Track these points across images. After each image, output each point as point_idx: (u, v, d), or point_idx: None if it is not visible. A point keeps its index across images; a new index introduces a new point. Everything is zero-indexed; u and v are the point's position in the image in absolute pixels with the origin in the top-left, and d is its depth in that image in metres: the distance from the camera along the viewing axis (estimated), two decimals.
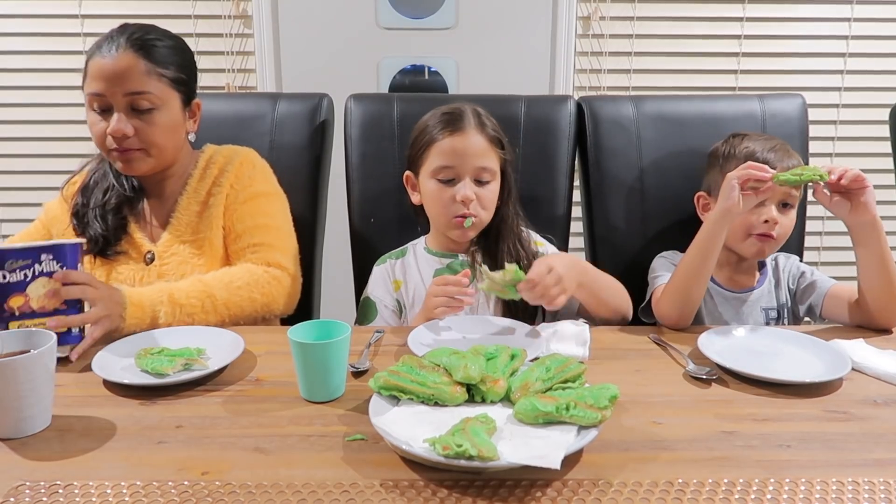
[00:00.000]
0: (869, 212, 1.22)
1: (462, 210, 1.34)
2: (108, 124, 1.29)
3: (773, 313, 1.45)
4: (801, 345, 1.18)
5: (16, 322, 1.08)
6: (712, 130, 1.54)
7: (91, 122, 1.31)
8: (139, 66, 1.29)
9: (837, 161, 2.38)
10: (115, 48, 1.28)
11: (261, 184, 1.45)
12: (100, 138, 1.31)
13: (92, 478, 0.82)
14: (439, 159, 1.36)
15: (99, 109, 1.30)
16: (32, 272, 1.08)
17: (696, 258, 1.29)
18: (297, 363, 1.00)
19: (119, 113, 1.29)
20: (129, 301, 1.18)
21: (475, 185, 1.35)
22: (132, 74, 1.28)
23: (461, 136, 1.35)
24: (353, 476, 0.82)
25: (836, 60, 2.32)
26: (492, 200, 1.38)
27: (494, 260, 1.39)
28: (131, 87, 1.28)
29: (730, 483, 0.81)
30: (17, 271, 1.07)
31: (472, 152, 1.35)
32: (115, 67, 1.27)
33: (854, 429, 0.94)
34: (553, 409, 0.87)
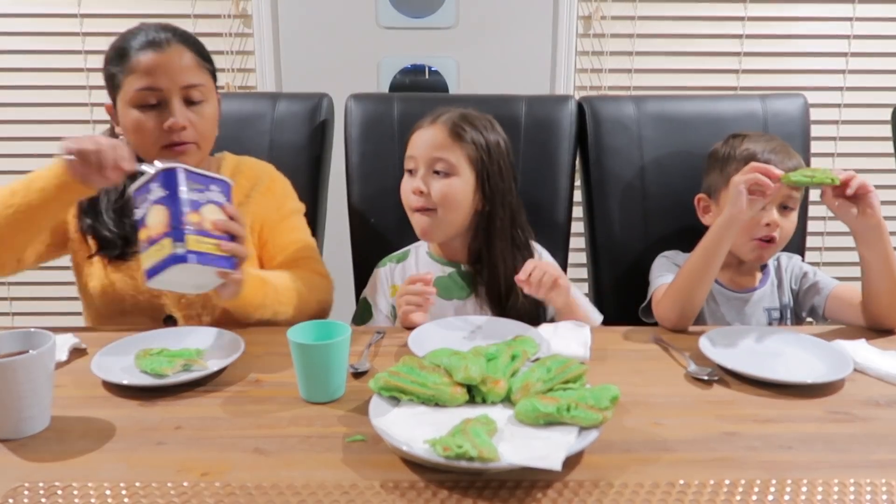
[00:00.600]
0: (875, 216, 1.21)
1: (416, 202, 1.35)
2: (159, 120, 1.26)
3: (775, 314, 1.44)
4: (803, 345, 1.18)
5: (193, 237, 1.05)
6: (714, 130, 1.53)
7: (137, 120, 1.26)
8: (192, 58, 1.29)
9: (839, 161, 2.37)
10: (164, 42, 1.26)
11: (293, 200, 1.48)
12: (150, 135, 1.27)
13: (91, 479, 0.81)
14: (408, 149, 1.39)
15: (147, 105, 1.26)
16: (147, 203, 1.07)
17: (699, 263, 1.27)
18: (296, 364, 1.00)
19: (179, 105, 1.26)
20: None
21: (432, 178, 1.35)
22: (188, 67, 1.28)
23: (425, 129, 1.37)
24: (353, 477, 0.82)
25: (838, 60, 2.31)
26: (447, 193, 1.34)
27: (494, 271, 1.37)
28: (187, 80, 1.27)
29: (731, 484, 0.81)
30: (141, 206, 1.07)
31: (428, 143, 1.35)
32: (170, 60, 1.26)
33: (856, 430, 0.94)
34: (554, 410, 0.87)
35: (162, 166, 1.07)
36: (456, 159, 1.34)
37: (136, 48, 1.25)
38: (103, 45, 2.25)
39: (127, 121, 1.27)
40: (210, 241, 1.07)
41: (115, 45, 1.28)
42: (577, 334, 1.19)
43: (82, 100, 2.28)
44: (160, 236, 1.04)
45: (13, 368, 0.87)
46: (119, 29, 2.20)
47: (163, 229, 1.04)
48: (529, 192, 1.53)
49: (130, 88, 1.25)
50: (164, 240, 1.04)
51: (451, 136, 1.35)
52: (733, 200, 1.22)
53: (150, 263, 1.05)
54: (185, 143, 1.28)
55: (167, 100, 1.26)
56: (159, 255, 1.04)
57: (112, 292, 1.32)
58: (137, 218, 1.09)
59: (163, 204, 1.05)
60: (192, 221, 1.05)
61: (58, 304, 2.43)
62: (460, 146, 1.35)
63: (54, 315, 2.43)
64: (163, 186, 1.06)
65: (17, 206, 1.16)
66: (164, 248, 1.03)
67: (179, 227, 1.04)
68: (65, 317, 2.41)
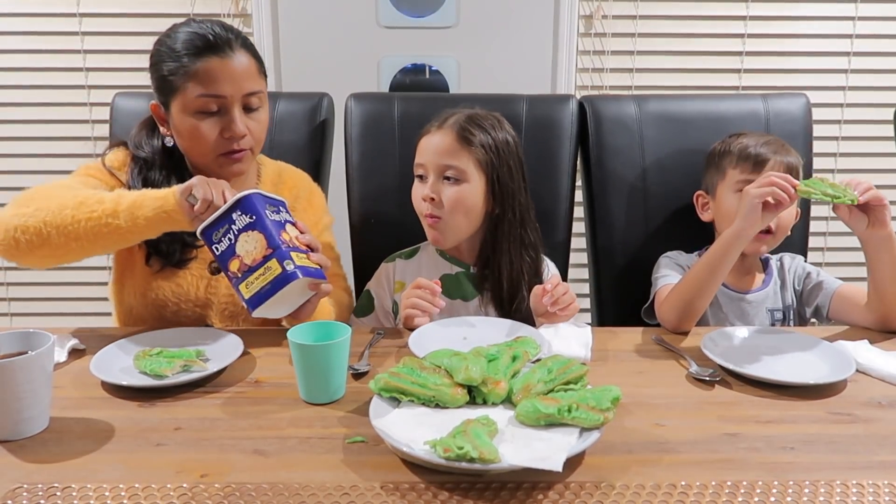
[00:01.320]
0: (885, 228, 1.21)
1: (428, 210, 1.34)
2: (218, 126, 1.24)
3: (778, 314, 1.44)
4: (805, 346, 1.18)
5: (242, 282, 1.06)
6: (716, 130, 1.53)
7: (195, 127, 1.23)
8: (253, 64, 1.27)
9: (842, 161, 2.36)
10: (228, 47, 1.23)
11: (327, 214, 1.49)
12: (209, 143, 1.24)
13: (90, 480, 0.81)
14: (417, 156, 1.38)
15: (207, 112, 1.23)
16: (233, 234, 1.07)
17: (705, 272, 1.25)
18: (296, 365, 0.99)
19: (239, 113, 1.24)
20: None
21: (443, 184, 1.34)
22: (250, 74, 1.26)
23: (434, 133, 1.36)
24: (353, 479, 0.82)
25: (841, 59, 2.31)
26: (458, 199, 1.33)
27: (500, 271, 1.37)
28: (249, 87, 1.25)
29: (733, 486, 0.81)
30: (223, 239, 1.07)
31: (438, 149, 1.34)
32: (235, 68, 1.23)
33: (858, 431, 0.94)
34: (555, 411, 0.87)
35: (236, 196, 1.08)
36: (465, 165, 1.33)
37: (198, 52, 1.21)
38: (102, 44, 2.26)
39: (183, 126, 1.25)
40: (303, 255, 1.10)
41: (170, 46, 1.23)
42: (579, 335, 1.19)
43: (81, 100, 2.28)
44: (262, 260, 1.05)
45: (12, 369, 0.86)
46: (118, 28, 2.20)
47: (263, 253, 1.06)
48: (531, 192, 1.52)
49: (191, 94, 1.22)
50: (270, 262, 1.05)
51: (459, 141, 1.33)
52: (746, 214, 1.20)
53: (254, 290, 1.05)
54: (243, 150, 1.27)
55: (228, 107, 1.24)
56: (267, 278, 1.05)
57: (155, 298, 1.29)
58: (221, 251, 1.08)
59: (254, 229, 1.06)
60: (286, 240, 1.08)
61: (57, 304, 2.43)
62: (469, 151, 1.33)
63: (53, 315, 2.43)
64: (246, 213, 1.07)
65: (117, 228, 1.10)
66: (272, 270, 1.05)
67: (281, 247, 1.06)
68: (64, 317, 2.42)
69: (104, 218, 1.10)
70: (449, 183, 1.34)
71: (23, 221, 1.10)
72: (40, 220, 1.10)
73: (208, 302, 1.31)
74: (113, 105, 1.61)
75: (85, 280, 2.40)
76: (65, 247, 1.11)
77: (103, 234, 1.10)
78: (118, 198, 1.11)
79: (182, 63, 1.21)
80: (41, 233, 1.10)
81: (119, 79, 2.24)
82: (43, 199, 1.13)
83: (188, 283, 1.30)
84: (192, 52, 1.21)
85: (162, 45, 1.25)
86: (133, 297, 1.31)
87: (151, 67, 1.27)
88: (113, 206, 1.10)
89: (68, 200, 1.11)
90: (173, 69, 1.22)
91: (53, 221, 1.10)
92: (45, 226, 1.10)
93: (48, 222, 1.10)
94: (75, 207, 1.10)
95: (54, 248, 1.11)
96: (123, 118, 1.58)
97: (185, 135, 1.26)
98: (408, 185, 1.42)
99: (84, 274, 2.39)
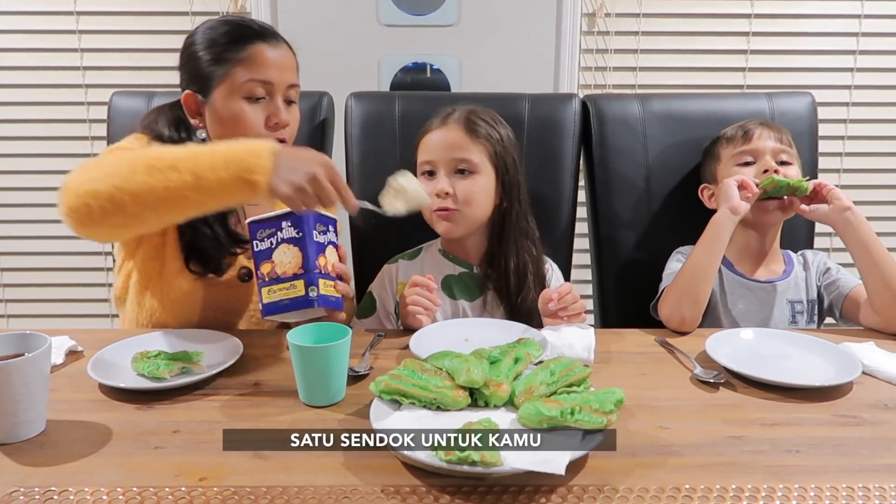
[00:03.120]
0: (842, 202, 1.30)
1: (441, 203, 1.34)
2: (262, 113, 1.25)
3: (799, 307, 1.43)
4: (811, 348, 1.17)
5: (266, 287, 1.09)
6: (720, 129, 1.52)
7: (241, 111, 1.24)
8: (294, 60, 1.31)
9: (847, 161, 2.35)
10: (274, 37, 1.27)
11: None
12: (252, 127, 1.25)
13: (87, 484, 0.81)
14: (422, 154, 1.38)
15: (253, 98, 1.25)
16: (276, 240, 1.09)
17: (700, 260, 1.29)
18: (296, 367, 0.99)
19: (281, 103, 1.27)
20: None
21: (455, 177, 1.34)
22: (293, 66, 1.30)
23: (441, 129, 1.36)
24: (353, 482, 0.81)
25: (846, 58, 2.29)
26: (472, 192, 1.34)
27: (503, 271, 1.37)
28: (292, 79, 1.29)
29: (738, 489, 0.80)
30: (265, 239, 1.09)
31: (448, 144, 1.34)
32: (283, 57, 1.27)
33: (865, 433, 0.93)
34: (557, 414, 0.86)
35: (288, 210, 1.08)
36: (477, 157, 1.35)
37: (246, 38, 1.24)
38: (99, 43, 2.25)
39: (228, 112, 1.24)
40: (330, 283, 1.12)
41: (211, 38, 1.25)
42: (582, 337, 1.18)
43: (78, 99, 2.27)
44: (291, 276, 1.08)
45: (8, 371, 0.86)
46: (116, 27, 2.19)
47: (294, 270, 1.08)
48: (533, 191, 1.51)
49: (239, 79, 1.23)
50: (297, 281, 1.08)
51: (467, 133, 1.34)
52: (727, 195, 1.32)
53: (273, 299, 1.08)
54: (283, 140, 1.28)
55: (272, 95, 1.26)
56: (288, 294, 1.08)
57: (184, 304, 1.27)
58: (260, 249, 1.09)
59: (295, 245, 1.08)
60: (321, 265, 1.10)
61: (54, 306, 2.43)
62: (479, 143, 1.35)
63: (50, 317, 2.43)
64: (294, 227, 1.08)
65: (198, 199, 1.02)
66: (296, 289, 1.08)
67: (313, 271, 1.08)
68: (61, 319, 2.41)
69: (183, 190, 1.00)
70: (462, 176, 1.34)
71: (94, 187, 1.02)
72: (111, 184, 1.01)
73: (237, 309, 1.31)
74: (110, 104, 1.60)
75: (82, 281, 2.40)
76: (140, 216, 1.03)
77: (184, 206, 1.03)
78: (195, 167, 1.00)
79: (230, 49, 1.23)
80: (114, 198, 1.00)
81: (117, 78, 2.23)
82: (109, 163, 1.06)
83: (218, 290, 1.28)
84: (240, 39, 1.24)
85: (198, 36, 1.27)
86: (158, 301, 1.27)
87: (188, 57, 1.27)
88: (194, 181, 1.00)
89: (136, 163, 1.02)
90: (218, 55, 1.24)
91: (126, 186, 1.00)
92: (119, 191, 1.00)
93: (120, 187, 1.01)
94: (146, 172, 1.00)
95: (129, 216, 1.02)
96: (121, 118, 1.58)
97: (229, 120, 1.25)
98: None
99: (82, 275, 2.39)
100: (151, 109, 1.35)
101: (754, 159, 1.41)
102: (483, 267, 1.41)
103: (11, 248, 2.38)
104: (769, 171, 1.37)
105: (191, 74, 1.27)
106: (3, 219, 2.37)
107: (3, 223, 2.38)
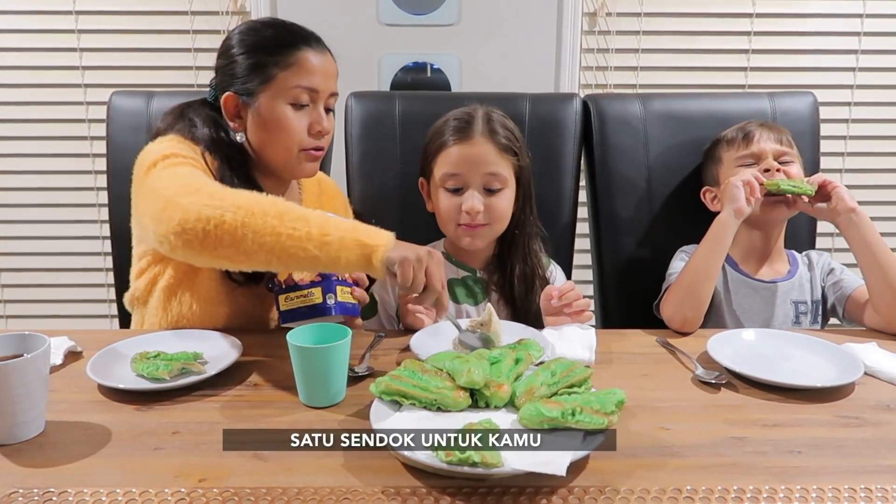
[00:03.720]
0: (846, 202, 1.30)
1: (467, 220, 1.33)
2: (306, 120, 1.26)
3: (803, 307, 1.43)
4: (813, 348, 1.17)
5: (283, 294, 1.10)
6: (721, 129, 1.52)
7: (287, 116, 1.24)
8: (336, 68, 1.31)
9: (849, 161, 2.35)
10: (319, 44, 1.28)
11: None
12: (296, 134, 1.25)
13: (87, 485, 0.81)
14: (446, 167, 1.34)
15: (299, 104, 1.25)
16: None
17: (704, 260, 1.29)
18: (296, 368, 0.98)
19: (323, 111, 1.28)
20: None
21: (485, 194, 1.33)
22: (335, 75, 1.31)
23: (468, 144, 1.33)
24: (353, 483, 0.81)
25: (849, 57, 2.29)
26: (503, 209, 1.35)
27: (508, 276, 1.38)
28: (334, 87, 1.30)
29: (739, 490, 0.80)
30: None
31: (478, 161, 1.32)
32: (329, 64, 1.28)
33: (867, 434, 0.93)
34: (558, 415, 0.85)
35: None
36: (507, 173, 1.34)
37: (295, 44, 1.24)
38: (99, 42, 2.24)
39: (272, 116, 1.24)
40: (347, 290, 1.13)
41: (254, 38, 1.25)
42: (583, 337, 1.18)
43: (77, 99, 2.27)
44: (309, 283, 1.10)
45: (7, 372, 0.86)
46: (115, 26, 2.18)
47: (312, 277, 1.10)
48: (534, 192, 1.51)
49: (289, 82, 1.23)
50: (315, 288, 1.09)
51: (498, 149, 1.33)
52: (732, 196, 1.30)
53: (291, 307, 1.10)
54: (322, 148, 1.29)
55: (315, 102, 1.26)
56: (305, 302, 1.09)
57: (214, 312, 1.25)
58: None
59: None
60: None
61: (53, 306, 2.43)
62: (505, 157, 1.34)
63: (49, 318, 2.42)
64: None
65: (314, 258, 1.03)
66: (313, 297, 1.09)
67: (330, 278, 1.10)
68: (60, 319, 2.41)
69: (305, 242, 1.02)
70: (492, 191, 1.34)
71: (218, 214, 1.02)
72: (239, 218, 1.02)
73: (262, 317, 1.30)
74: (110, 104, 1.60)
75: (82, 282, 2.39)
76: (253, 255, 1.03)
77: (298, 257, 1.03)
78: (324, 223, 1.03)
79: (279, 52, 1.23)
80: (236, 233, 1.01)
81: (116, 77, 2.23)
82: (232, 194, 1.06)
83: (246, 298, 1.27)
84: (287, 43, 1.24)
85: (242, 35, 1.27)
86: (188, 306, 1.24)
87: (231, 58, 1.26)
88: (319, 233, 1.02)
89: (268, 206, 1.04)
90: (265, 59, 1.23)
91: (252, 224, 1.01)
92: (243, 227, 1.01)
93: (247, 224, 1.01)
94: (277, 217, 1.02)
95: (241, 251, 1.02)
96: (120, 118, 1.58)
97: (272, 125, 1.25)
98: (410, 186, 1.42)
99: (81, 276, 2.38)
100: (173, 109, 1.32)
101: (756, 161, 1.41)
102: (487, 271, 1.41)
103: (10, 248, 2.38)
104: (771, 171, 1.37)
105: (233, 76, 1.26)
106: (2, 219, 2.37)
107: (1, 223, 2.37)
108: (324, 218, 1.05)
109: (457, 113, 1.38)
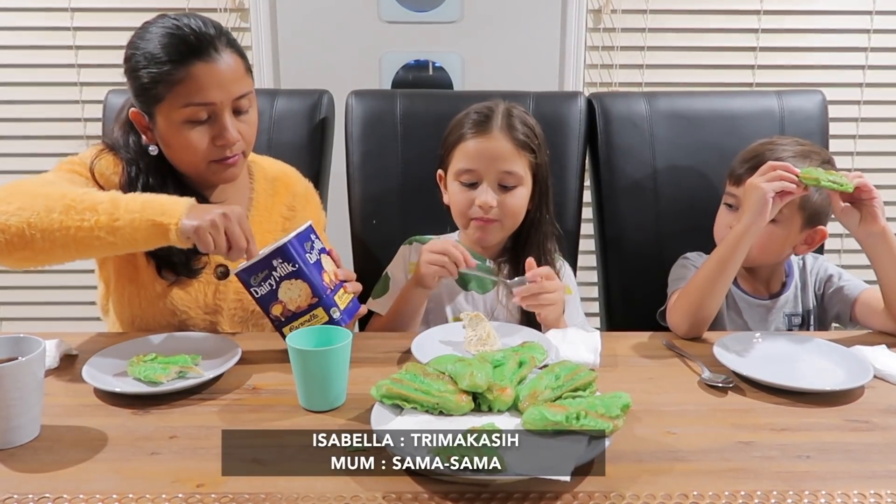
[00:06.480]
0: (877, 223, 1.19)
1: (480, 214, 1.33)
2: (209, 134, 1.19)
3: (796, 319, 1.41)
4: (821, 352, 1.16)
5: (286, 326, 1.10)
6: (728, 128, 1.52)
7: (186, 138, 1.18)
8: (240, 64, 1.20)
9: (859, 160, 2.32)
10: (213, 49, 1.16)
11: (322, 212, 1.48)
12: (200, 152, 1.19)
13: (82, 490, 0.80)
14: (462, 161, 1.34)
15: (196, 121, 1.18)
16: (274, 280, 1.08)
17: (714, 272, 1.23)
18: (295, 371, 0.98)
19: (230, 118, 1.19)
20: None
21: (499, 191, 1.33)
22: (238, 76, 1.20)
23: (485, 138, 1.32)
24: (354, 488, 0.80)
25: (858, 55, 2.27)
26: (517, 206, 1.34)
27: (517, 268, 1.37)
28: (239, 90, 1.19)
29: (747, 495, 0.80)
30: (263, 284, 1.09)
31: (495, 156, 1.32)
32: (222, 72, 1.16)
33: (876, 439, 0.93)
34: (563, 419, 0.85)
35: (273, 247, 1.07)
36: (522, 170, 1.34)
37: (181, 57, 1.14)
38: (95, 40, 2.22)
39: (171, 137, 1.19)
40: (343, 293, 1.15)
41: (148, 50, 1.16)
42: (587, 340, 1.17)
43: (73, 97, 2.26)
44: (307, 308, 1.09)
45: (1, 376, 0.85)
46: (111, 24, 2.17)
47: (308, 301, 1.09)
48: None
49: (177, 103, 1.16)
50: (316, 310, 1.09)
51: (513, 143, 1.32)
52: (759, 209, 1.16)
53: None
54: (236, 155, 1.23)
55: (218, 113, 1.18)
56: (313, 325, 1.09)
57: (163, 308, 1.25)
58: (261, 294, 1.09)
59: (297, 278, 1.08)
60: (328, 283, 1.11)
61: (48, 309, 2.42)
62: (522, 154, 1.34)
63: (45, 320, 2.41)
64: (287, 262, 1.07)
65: (110, 244, 1.05)
66: (319, 318, 1.09)
67: (326, 294, 1.10)
68: (56, 322, 2.40)
69: (96, 231, 1.03)
70: (506, 188, 1.33)
71: (3, 220, 1.04)
72: (24, 220, 1.03)
73: (218, 308, 1.29)
74: (106, 103, 1.59)
75: (78, 284, 2.36)
76: (49, 252, 1.05)
77: (95, 246, 1.05)
78: (113, 209, 1.04)
79: (164, 70, 1.14)
80: (24, 234, 1.03)
81: (112, 76, 2.18)
82: (26, 196, 1.06)
83: (196, 291, 1.27)
84: (175, 57, 1.14)
85: (137, 48, 1.18)
86: (137, 307, 1.26)
87: (128, 73, 1.19)
88: (108, 220, 1.03)
89: (55, 202, 1.05)
90: (155, 77, 1.15)
91: (39, 224, 1.03)
92: (29, 227, 1.03)
93: (33, 224, 1.03)
94: (63, 212, 1.04)
95: (37, 251, 1.05)
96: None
97: (175, 146, 1.21)
98: (411, 185, 1.41)
99: (76, 278, 2.36)
100: (118, 125, 1.29)
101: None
102: (498, 262, 1.41)
103: None
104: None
105: (133, 91, 1.20)
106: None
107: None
108: (113, 203, 1.05)
109: (478, 106, 1.37)
